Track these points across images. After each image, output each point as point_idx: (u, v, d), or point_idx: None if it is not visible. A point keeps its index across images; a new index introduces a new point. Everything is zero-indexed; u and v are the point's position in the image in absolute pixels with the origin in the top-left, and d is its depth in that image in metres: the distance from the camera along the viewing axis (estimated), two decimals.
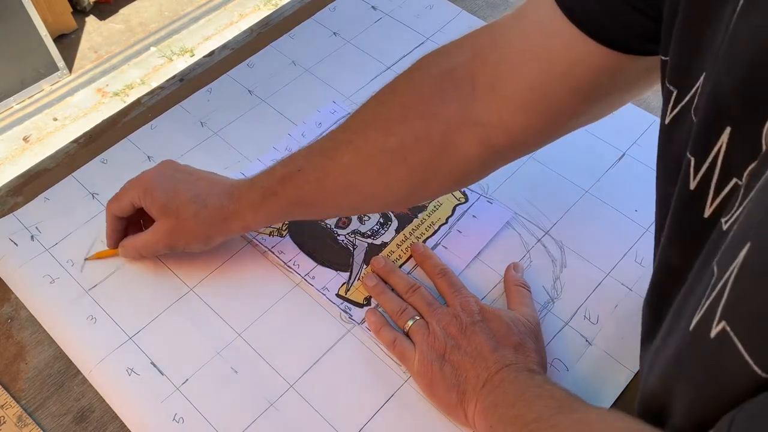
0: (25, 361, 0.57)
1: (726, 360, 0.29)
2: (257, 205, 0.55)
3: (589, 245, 0.63)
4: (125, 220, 0.60)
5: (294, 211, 0.57)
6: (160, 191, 0.56)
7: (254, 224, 0.57)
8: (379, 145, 0.52)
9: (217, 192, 0.56)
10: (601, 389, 0.55)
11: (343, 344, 0.57)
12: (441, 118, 0.50)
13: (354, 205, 0.57)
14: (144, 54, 2.16)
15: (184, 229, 0.56)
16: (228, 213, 0.56)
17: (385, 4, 0.83)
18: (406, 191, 0.54)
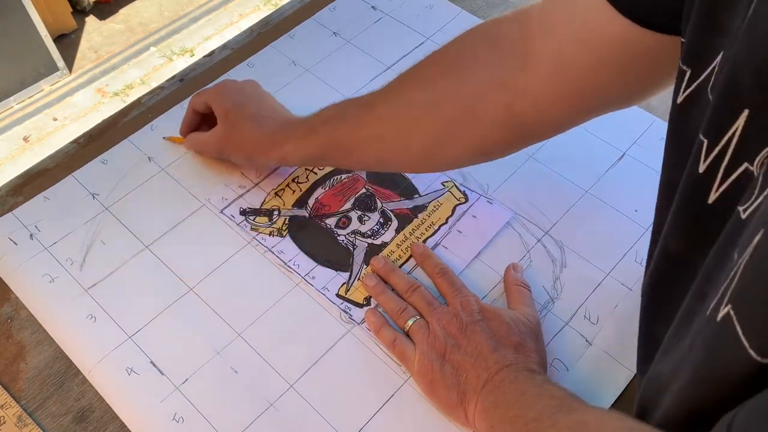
0: (25, 361, 0.57)
1: (725, 343, 0.29)
2: (299, 138, 0.59)
3: (589, 245, 0.63)
4: (200, 116, 0.67)
5: (329, 153, 0.59)
6: (229, 99, 0.63)
7: (292, 157, 0.61)
8: (411, 99, 0.55)
9: (274, 119, 0.62)
10: (601, 389, 0.55)
11: (343, 344, 0.57)
12: (473, 80, 0.52)
13: (381, 156, 0.59)
14: (144, 54, 2.16)
15: (234, 138, 0.63)
16: (273, 139, 0.61)
17: (385, 4, 0.83)
18: (428, 148, 0.56)
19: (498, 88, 0.51)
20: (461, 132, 0.54)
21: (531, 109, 0.51)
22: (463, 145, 0.55)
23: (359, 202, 0.66)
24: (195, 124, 0.67)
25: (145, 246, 0.63)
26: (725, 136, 0.33)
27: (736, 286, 0.29)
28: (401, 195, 0.66)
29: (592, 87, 0.49)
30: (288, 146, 0.60)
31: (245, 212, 0.65)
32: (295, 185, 0.67)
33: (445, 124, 0.54)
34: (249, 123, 0.62)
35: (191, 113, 0.67)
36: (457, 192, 0.66)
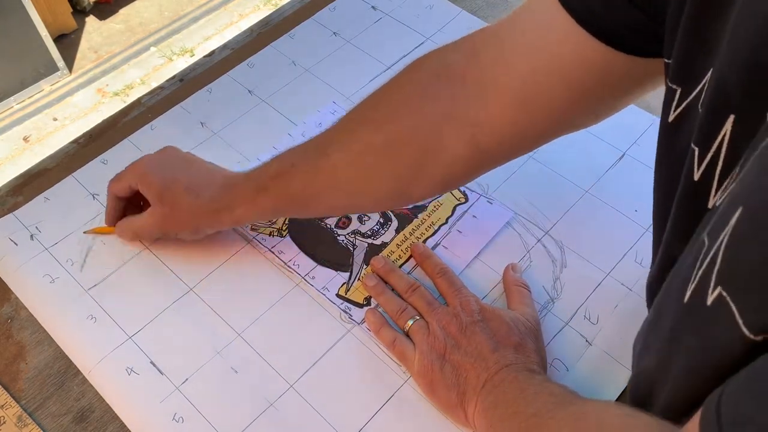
0: (25, 361, 0.57)
1: (720, 325, 0.29)
2: (249, 199, 0.55)
3: (589, 245, 0.63)
4: (125, 201, 0.61)
5: (285, 208, 0.57)
6: (157, 178, 0.58)
7: (244, 218, 0.58)
8: (367, 142, 0.52)
9: (212, 184, 0.57)
10: (601, 389, 0.55)
11: (343, 344, 0.57)
12: (430, 117, 0.50)
13: (342, 204, 0.57)
14: (144, 54, 2.16)
15: (176, 217, 0.58)
16: (220, 206, 0.56)
17: (385, 4, 0.83)
18: (392, 191, 0.54)
19: (455, 123, 0.50)
20: (423, 171, 0.52)
21: (493, 139, 0.50)
22: (427, 182, 0.53)
23: None
24: (120, 210, 0.62)
25: (145, 246, 0.63)
26: (715, 141, 0.33)
27: (722, 267, 0.29)
28: None
29: (557, 113, 0.48)
30: (239, 210, 0.56)
31: None
32: None
33: (406, 166, 0.52)
34: (186, 197, 0.57)
35: (114, 200, 0.61)
36: (457, 192, 0.66)
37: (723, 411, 0.26)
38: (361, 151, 0.52)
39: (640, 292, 0.60)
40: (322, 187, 0.54)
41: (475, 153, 0.51)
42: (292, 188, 0.54)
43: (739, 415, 0.25)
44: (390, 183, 0.53)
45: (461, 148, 0.50)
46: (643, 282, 0.60)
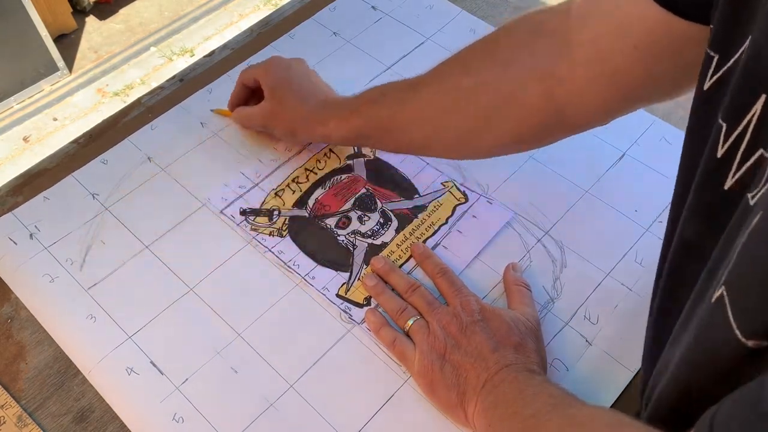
0: (25, 361, 0.57)
1: (715, 324, 0.29)
2: (341, 117, 0.61)
3: (589, 245, 0.63)
4: (249, 91, 0.69)
5: (369, 132, 0.61)
6: (276, 76, 0.65)
7: (335, 134, 0.62)
8: (455, 83, 0.56)
9: (317, 96, 0.64)
10: (601, 389, 0.55)
11: (343, 344, 0.57)
12: (515, 68, 0.53)
13: (421, 139, 0.60)
14: (144, 54, 2.16)
15: (279, 115, 0.65)
16: (317, 117, 0.63)
17: (385, 4, 0.83)
18: (469, 132, 0.57)
19: (538, 75, 0.52)
20: (501, 118, 0.55)
21: (569, 97, 0.51)
22: (502, 131, 0.56)
23: (359, 202, 0.66)
24: (243, 98, 0.70)
25: (145, 246, 0.63)
26: (744, 120, 0.32)
27: (731, 269, 0.29)
28: (401, 195, 0.66)
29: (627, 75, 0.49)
30: (331, 124, 0.62)
31: (245, 212, 0.65)
32: (295, 185, 0.67)
33: (486, 109, 0.55)
34: (294, 99, 0.64)
35: (240, 87, 0.69)
36: (457, 192, 0.66)
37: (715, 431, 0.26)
38: (447, 90, 0.56)
39: (640, 292, 0.60)
40: (407, 118, 0.58)
41: (550, 109, 0.52)
42: (380, 114, 0.59)
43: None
44: (468, 123, 0.56)
45: (539, 102, 0.52)
46: (643, 282, 0.60)
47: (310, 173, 0.68)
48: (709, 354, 0.30)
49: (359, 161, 0.69)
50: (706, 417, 0.27)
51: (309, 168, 0.68)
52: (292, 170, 0.68)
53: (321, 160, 0.69)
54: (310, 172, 0.68)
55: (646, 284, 0.60)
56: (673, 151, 0.69)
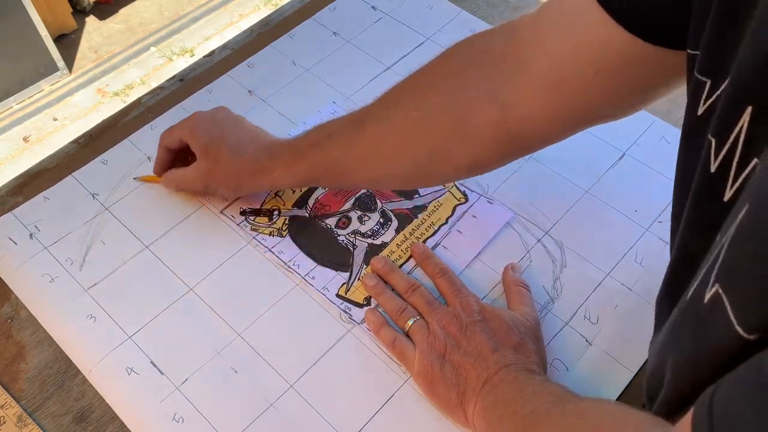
0: (25, 361, 0.57)
1: (714, 322, 0.29)
2: (287, 163, 0.58)
3: (589, 245, 0.63)
4: (174, 153, 0.64)
5: (319, 175, 0.59)
6: (205, 133, 0.61)
7: (281, 182, 0.60)
8: (404, 117, 0.54)
9: (256, 146, 0.60)
10: (601, 389, 0.55)
11: (343, 344, 0.57)
12: (463, 96, 0.52)
13: (374, 176, 0.59)
14: (144, 54, 2.16)
15: (219, 172, 0.61)
16: (260, 167, 0.59)
17: (385, 4, 0.83)
18: (421, 166, 0.56)
19: (489, 102, 0.51)
20: (454, 148, 0.53)
21: (522, 123, 0.51)
22: (456, 161, 0.54)
23: (359, 202, 0.66)
24: (169, 162, 0.65)
25: (145, 246, 0.63)
26: (732, 133, 0.33)
27: (723, 264, 0.29)
28: (401, 195, 0.66)
29: (586, 99, 0.48)
30: (276, 172, 0.59)
31: (245, 212, 0.65)
32: None
33: (438, 141, 0.53)
34: (231, 153, 0.60)
35: (163, 151, 0.64)
36: (457, 192, 0.66)
37: (715, 410, 0.26)
38: (397, 124, 0.54)
39: (640, 292, 0.60)
40: (357, 158, 0.56)
41: (504, 135, 0.52)
42: (328, 157, 0.57)
43: (730, 414, 0.25)
44: (421, 157, 0.55)
45: (492, 129, 0.51)
46: (643, 282, 0.60)
47: None
48: (711, 353, 0.30)
49: None
50: (705, 395, 0.27)
51: None
52: None
53: None
54: None
55: (646, 284, 0.60)
56: (673, 151, 0.69)
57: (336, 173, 0.58)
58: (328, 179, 0.60)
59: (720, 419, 0.26)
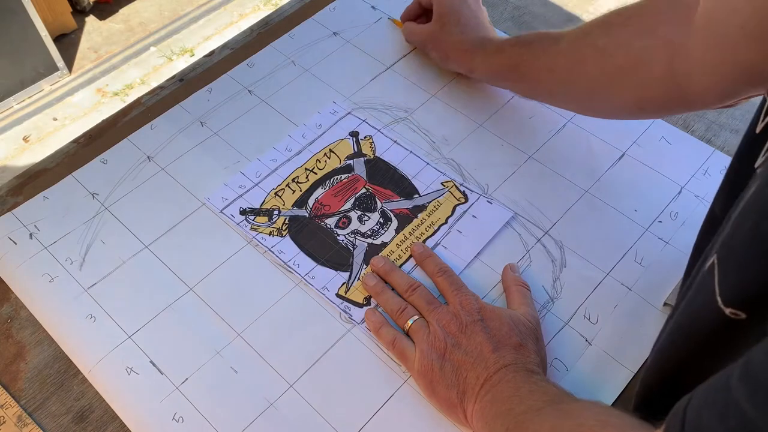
0: (25, 361, 0.57)
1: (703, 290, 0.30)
2: (488, 54, 0.67)
3: (589, 245, 0.63)
4: (422, 9, 0.77)
5: (506, 74, 0.67)
6: (448, 4, 0.71)
7: (478, 69, 0.69)
8: (591, 41, 0.59)
9: (477, 32, 0.70)
10: (601, 389, 0.55)
11: (343, 344, 0.57)
12: (647, 35, 0.55)
13: (549, 86, 0.64)
14: (144, 54, 2.16)
15: (439, 39, 0.72)
16: (468, 49, 0.69)
17: (385, 4, 0.83)
18: (591, 91, 0.61)
19: (664, 45, 0.53)
20: (625, 82, 0.57)
21: (688, 69, 0.52)
22: (625, 95, 0.58)
23: (359, 202, 0.66)
24: (414, 14, 0.77)
25: (145, 246, 0.63)
26: None
27: (725, 236, 0.30)
28: (401, 195, 0.66)
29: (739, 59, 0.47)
30: (477, 59, 0.68)
31: (245, 212, 0.65)
32: (295, 185, 0.67)
33: (611, 70, 0.57)
34: (456, 30, 0.70)
35: (415, 4, 0.77)
36: (457, 192, 0.66)
37: (687, 422, 0.27)
38: (583, 46, 0.59)
39: (640, 292, 0.60)
40: (543, 65, 0.63)
41: (669, 82, 0.53)
42: (520, 58, 0.64)
43: (699, 423, 0.26)
44: (591, 81, 0.59)
45: (661, 69, 0.53)
46: (643, 282, 0.60)
47: (310, 173, 0.68)
48: (693, 320, 0.31)
49: (359, 161, 0.69)
50: (680, 406, 0.28)
51: (309, 168, 0.68)
52: (292, 170, 0.68)
53: (321, 160, 0.69)
54: (310, 172, 0.68)
55: (646, 284, 0.60)
56: (673, 151, 0.69)
57: (522, 74, 0.65)
58: (513, 78, 0.67)
59: (690, 428, 0.26)
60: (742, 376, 0.24)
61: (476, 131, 0.71)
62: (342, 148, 0.70)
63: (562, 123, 0.71)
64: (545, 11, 0.84)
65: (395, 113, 0.72)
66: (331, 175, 0.68)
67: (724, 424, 0.24)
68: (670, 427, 0.28)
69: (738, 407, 0.24)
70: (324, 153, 0.69)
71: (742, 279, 0.28)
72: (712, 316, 0.29)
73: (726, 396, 0.25)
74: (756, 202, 0.28)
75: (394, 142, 0.70)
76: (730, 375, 0.25)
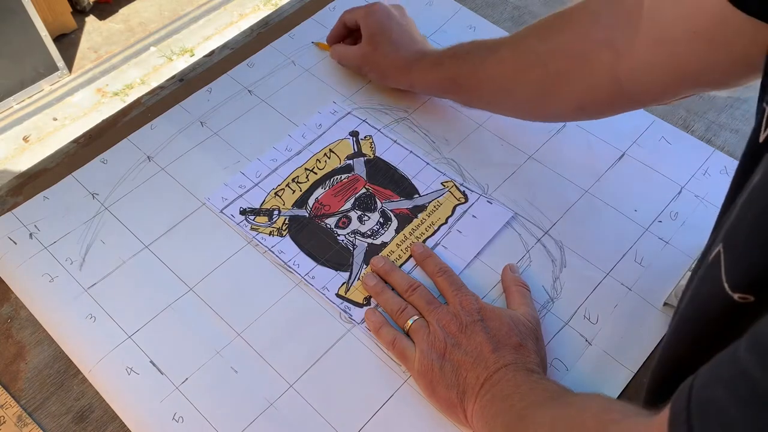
0: (25, 361, 0.57)
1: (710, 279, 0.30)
2: (426, 69, 0.67)
3: (589, 245, 0.63)
4: (347, 30, 0.75)
5: (448, 87, 0.67)
6: (377, 22, 0.70)
7: (418, 84, 0.69)
8: (529, 47, 0.59)
9: (411, 47, 0.70)
10: (601, 389, 0.55)
11: (343, 344, 0.57)
12: (586, 38, 0.55)
13: (491, 96, 0.65)
14: (144, 54, 2.16)
15: (374, 58, 0.71)
16: (405, 66, 0.69)
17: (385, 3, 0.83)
18: (535, 96, 0.61)
19: (606, 48, 0.53)
20: (566, 85, 0.57)
21: (632, 74, 0.52)
22: (566, 98, 0.58)
23: (359, 202, 0.66)
24: (341, 36, 0.75)
25: (145, 246, 0.63)
26: None
27: (729, 226, 0.30)
28: (401, 195, 0.66)
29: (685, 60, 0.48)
30: (415, 74, 0.68)
31: (245, 212, 0.65)
32: (295, 185, 0.67)
33: (553, 74, 0.57)
34: (389, 47, 0.69)
35: (340, 25, 0.75)
36: (457, 192, 0.66)
37: (693, 398, 0.27)
38: (522, 53, 0.60)
39: (640, 292, 0.60)
40: (483, 76, 0.63)
41: (615, 83, 0.54)
42: (460, 70, 0.64)
43: (706, 401, 0.26)
44: (535, 87, 0.59)
45: (604, 74, 0.54)
46: (643, 282, 0.60)
47: (310, 173, 0.68)
48: (701, 308, 0.31)
49: (359, 161, 0.69)
50: (685, 385, 0.28)
51: (309, 168, 0.68)
52: (292, 170, 0.68)
53: (321, 160, 0.69)
54: (310, 172, 0.68)
55: (646, 284, 0.60)
56: (672, 151, 0.69)
57: (463, 86, 0.65)
58: (454, 91, 0.67)
59: (697, 406, 0.26)
60: (749, 347, 0.25)
61: (476, 131, 0.71)
62: (342, 148, 0.70)
63: (562, 123, 0.71)
64: (545, 11, 0.84)
65: (395, 113, 0.72)
66: (331, 175, 0.68)
67: (734, 394, 0.24)
68: (675, 406, 0.28)
69: (746, 375, 0.24)
70: (324, 153, 0.69)
71: (751, 263, 0.28)
72: (720, 304, 0.29)
73: (733, 368, 0.25)
74: (763, 187, 0.28)
75: (394, 142, 0.70)
76: (737, 348, 0.25)
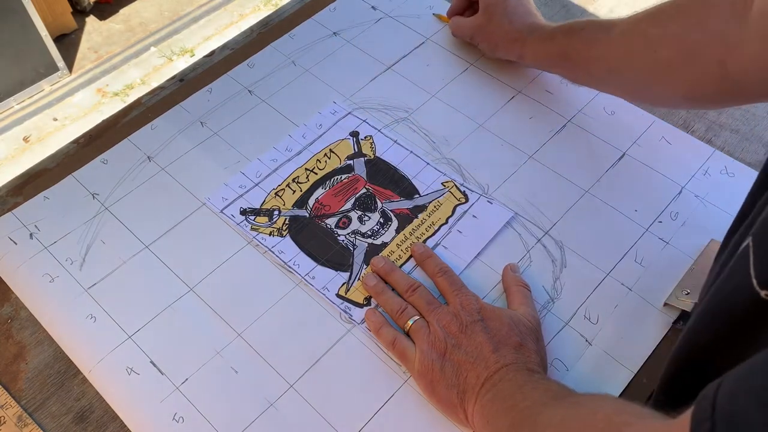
0: (25, 361, 0.57)
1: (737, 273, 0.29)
2: (538, 42, 0.68)
3: (589, 245, 0.63)
4: (467, 2, 0.77)
5: (558, 62, 0.68)
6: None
7: (528, 57, 0.70)
8: (641, 31, 0.59)
9: (524, 20, 0.70)
10: (601, 389, 0.55)
11: (343, 344, 0.57)
12: (699, 28, 0.54)
13: (601, 74, 0.65)
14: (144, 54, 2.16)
15: (487, 29, 0.72)
16: (517, 38, 0.70)
17: (385, 4, 0.83)
18: (641, 81, 0.60)
19: (717, 39, 0.52)
20: (673, 74, 0.57)
21: (741, 67, 0.51)
22: (673, 86, 0.58)
23: (359, 202, 0.66)
24: (461, 8, 0.78)
25: (145, 246, 0.63)
26: None
27: (761, 221, 0.29)
28: (401, 195, 0.66)
29: None
30: (527, 47, 0.69)
31: (245, 212, 0.65)
32: (295, 185, 0.67)
33: (661, 62, 0.57)
34: (503, 18, 0.70)
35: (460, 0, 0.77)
36: (457, 192, 0.66)
37: (718, 405, 0.26)
38: (634, 36, 0.59)
39: (640, 292, 0.60)
40: (593, 54, 0.63)
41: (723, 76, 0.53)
42: (571, 47, 0.65)
43: (733, 409, 0.25)
44: (641, 72, 0.59)
45: (712, 64, 0.53)
46: (643, 282, 0.60)
47: (310, 173, 0.68)
48: (725, 303, 0.30)
49: (359, 161, 0.69)
50: (709, 390, 0.27)
51: (309, 168, 0.68)
52: (293, 170, 0.68)
53: (321, 160, 0.69)
54: (310, 172, 0.68)
55: (646, 284, 0.60)
56: (673, 151, 0.69)
57: (573, 62, 0.65)
58: (563, 66, 0.68)
59: (723, 418, 0.25)
60: None
61: (476, 131, 0.71)
62: (342, 148, 0.70)
63: (562, 123, 0.71)
64: (545, 11, 0.84)
65: (395, 113, 0.72)
66: (332, 175, 0.68)
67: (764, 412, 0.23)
68: (697, 413, 0.26)
69: None
70: (324, 153, 0.69)
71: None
72: (746, 299, 0.28)
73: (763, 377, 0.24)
74: None
75: (395, 142, 0.70)
76: None
